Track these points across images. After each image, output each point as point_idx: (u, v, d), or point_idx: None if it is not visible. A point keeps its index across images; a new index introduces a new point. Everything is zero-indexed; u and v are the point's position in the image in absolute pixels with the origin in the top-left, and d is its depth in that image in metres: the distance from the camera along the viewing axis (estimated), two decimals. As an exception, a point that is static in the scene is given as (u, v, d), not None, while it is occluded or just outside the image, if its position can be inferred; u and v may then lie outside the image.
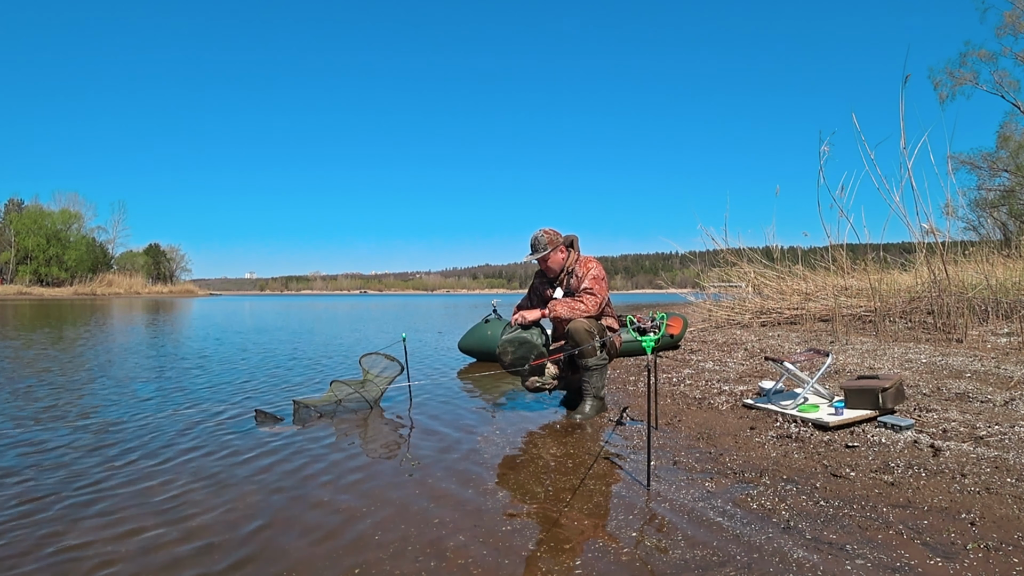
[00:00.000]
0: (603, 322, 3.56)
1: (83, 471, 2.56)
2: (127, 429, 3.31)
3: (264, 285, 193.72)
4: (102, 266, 66.74)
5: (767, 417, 3.21)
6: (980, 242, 11.13)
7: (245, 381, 5.06)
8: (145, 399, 4.23)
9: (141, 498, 2.24)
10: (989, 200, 22.02)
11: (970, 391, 3.59)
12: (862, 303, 8.06)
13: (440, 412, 3.76)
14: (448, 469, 2.57)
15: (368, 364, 4.00)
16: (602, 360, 3.47)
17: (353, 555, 1.76)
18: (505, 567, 1.67)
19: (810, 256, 9.89)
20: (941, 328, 6.50)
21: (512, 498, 2.21)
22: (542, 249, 3.53)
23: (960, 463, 2.34)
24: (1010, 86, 21.50)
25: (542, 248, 3.53)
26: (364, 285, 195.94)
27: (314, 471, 2.56)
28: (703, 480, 2.34)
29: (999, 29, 20.84)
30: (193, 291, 75.35)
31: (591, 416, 3.44)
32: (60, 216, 62.65)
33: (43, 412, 3.77)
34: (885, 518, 1.90)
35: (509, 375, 3.81)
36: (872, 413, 2.98)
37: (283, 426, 3.38)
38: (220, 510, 2.12)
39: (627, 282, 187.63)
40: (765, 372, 4.72)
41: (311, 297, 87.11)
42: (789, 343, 6.46)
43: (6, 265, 59.58)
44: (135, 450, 2.89)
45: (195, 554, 1.78)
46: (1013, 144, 21.78)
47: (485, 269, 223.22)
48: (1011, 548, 1.67)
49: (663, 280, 25.06)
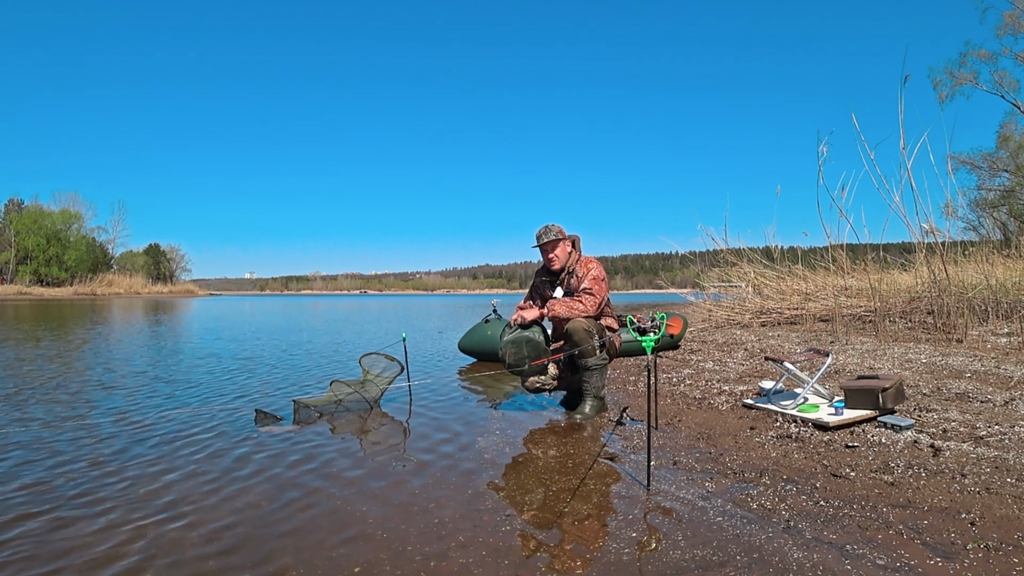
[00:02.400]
0: (602, 322, 3.57)
1: (83, 471, 2.57)
2: (127, 429, 3.31)
3: (264, 285, 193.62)
4: (102, 266, 66.72)
5: (767, 417, 3.21)
6: (980, 242, 11.14)
7: (244, 381, 5.06)
8: (145, 399, 4.23)
9: (140, 498, 2.24)
10: (989, 200, 22.01)
11: (970, 391, 3.59)
12: (862, 303, 8.06)
13: (440, 412, 3.76)
14: (448, 469, 2.57)
15: (368, 364, 4.00)
16: (602, 360, 3.47)
17: (353, 555, 1.76)
18: (505, 567, 1.68)
19: (810, 256, 9.89)
20: (941, 328, 6.50)
21: (512, 498, 2.21)
22: (552, 236, 3.54)
23: (960, 463, 2.34)
24: (1010, 86, 21.49)
25: (552, 235, 3.55)
26: (364, 285, 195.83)
27: (314, 471, 2.56)
28: (703, 480, 2.34)
29: (999, 29, 20.82)
30: (193, 291, 75.35)
31: (591, 416, 3.45)
32: (60, 216, 62.64)
33: (42, 412, 3.78)
34: (885, 518, 1.90)
35: (509, 375, 3.82)
36: (872, 413, 2.98)
37: (283, 426, 3.38)
38: (219, 510, 2.12)
39: (627, 282, 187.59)
40: (765, 372, 4.72)
41: (311, 297, 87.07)
42: (789, 343, 6.47)
43: (6, 265, 59.57)
44: (135, 450, 2.89)
45: (195, 553, 1.78)
46: (1013, 144, 21.77)
47: (485, 269, 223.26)
48: (1011, 548, 1.67)
49: (663, 280, 25.01)
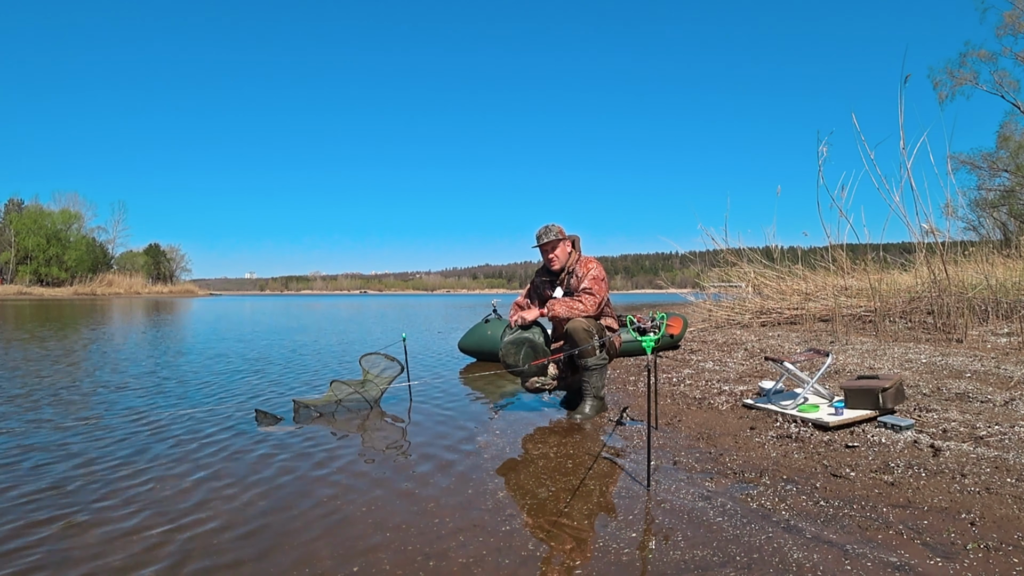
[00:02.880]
0: (602, 322, 3.57)
1: (83, 471, 2.57)
2: (127, 429, 3.31)
3: (264, 285, 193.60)
4: (102, 266, 66.73)
5: (767, 417, 3.21)
6: (980, 242, 11.13)
7: (245, 381, 5.06)
8: (144, 399, 4.23)
9: (141, 497, 2.24)
10: (989, 200, 22.01)
11: (970, 391, 3.58)
12: (862, 303, 8.06)
13: (440, 412, 3.76)
14: (448, 469, 2.57)
15: (368, 364, 4.00)
16: (601, 360, 3.47)
17: (353, 554, 1.76)
18: (505, 567, 1.68)
19: (810, 256, 9.89)
20: (941, 328, 6.50)
21: (512, 498, 2.21)
22: (552, 236, 3.55)
23: (960, 463, 2.34)
24: (1010, 86, 21.50)
25: (552, 235, 3.55)
26: (364, 285, 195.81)
27: (313, 471, 2.56)
28: (703, 480, 2.34)
29: (999, 29, 20.83)
30: (193, 291, 75.35)
31: (591, 416, 3.45)
32: (60, 216, 62.65)
33: (46, 412, 3.77)
34: (885, 518, 1.90)
35: (509, 375, 3.81)
36: (872, 413, 2.98)
37: (283, 426, 3.38)
38: (219, 509, 2.12)
39: (627, 282, 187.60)
40: (765, 372, 4.72)
41: (311, 297, 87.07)
42: (789, 343, 6.46)
43: (6, 265, 59.57)
44: (135, 450, 2.89)
45: (195, 553, 1.78)
46: (1013, 144, 21.77)
47: (485, 269, 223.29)
48: (1011, 548, 1.67)
49: (663, 280, 25.03)
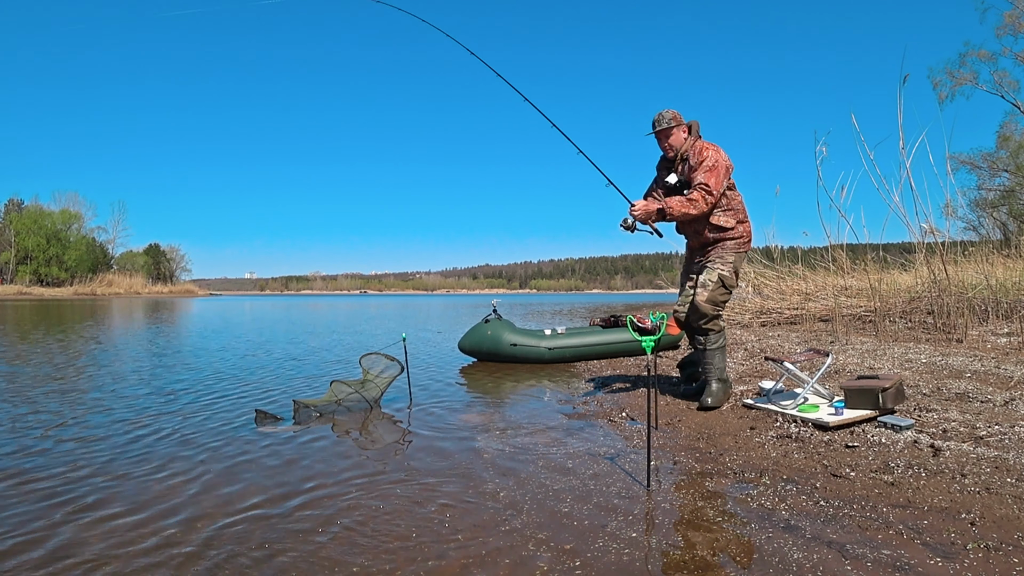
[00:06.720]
0: (714, 220, 3.40)
1: (83, 471, 2.57)
2: (127, 429, 3.31)
3: (264, 285, 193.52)
4: (102, 266, 66.70)
5: (767, 417, 3.21)
6: (980, 242, 11.11)
7: (245, 381, 5.06)
8: (144, 399, 4.23)
9: (140, 497, 2.25)
10: (989, 200, 21.98)
11: (970, 391, 3.58)
12: (862, 303, 8.06)
13: (440, 412, 3.76)
14: (448, 469, 2.57)
15: (368, 364, 4.00)
16: (720, 342, 3.55)
17: (353, 555, 1.76)
18: (505, 567, 1.68)
19: (810, 256, 9.87)
20: (941, 328, 6.50)
21: (512, 498, 2.21)
22: (665, 124, 3.40)
23: (960, 463, 2.34)
24: (1010, 86, 21.48)
25: (665, 123, 3.40)
26: (364, 285, 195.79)
27: (313, 471, 2.56)
28: (703, 480, 2.34)
29: (999, 29, 20.80)
30: (193, 291, 75.29)
31: (720, 398, 3.49)
32: (60, 216, 62.63)
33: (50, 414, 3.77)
34: (885, 518, 1.91)
35: (509, 375, 3.80)
36: (872, 413, 2.97)
37: (283, 426, 3.38)
38: (219, 509, 2.12)
39: (627, 282, 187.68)
40: (765, 372, 4.71)
41: (311, 297, 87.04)
42: (789, 343, 6.46)
43: (6, 265, 59.56)
44: (134, 450, 2.89)
45: (194, 552, 1.78)
46: (1013, 144, 21.74)
47: (485, 269, 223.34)
48: (1011, 548, 1.67)
49: (663, 280, 24.98)
